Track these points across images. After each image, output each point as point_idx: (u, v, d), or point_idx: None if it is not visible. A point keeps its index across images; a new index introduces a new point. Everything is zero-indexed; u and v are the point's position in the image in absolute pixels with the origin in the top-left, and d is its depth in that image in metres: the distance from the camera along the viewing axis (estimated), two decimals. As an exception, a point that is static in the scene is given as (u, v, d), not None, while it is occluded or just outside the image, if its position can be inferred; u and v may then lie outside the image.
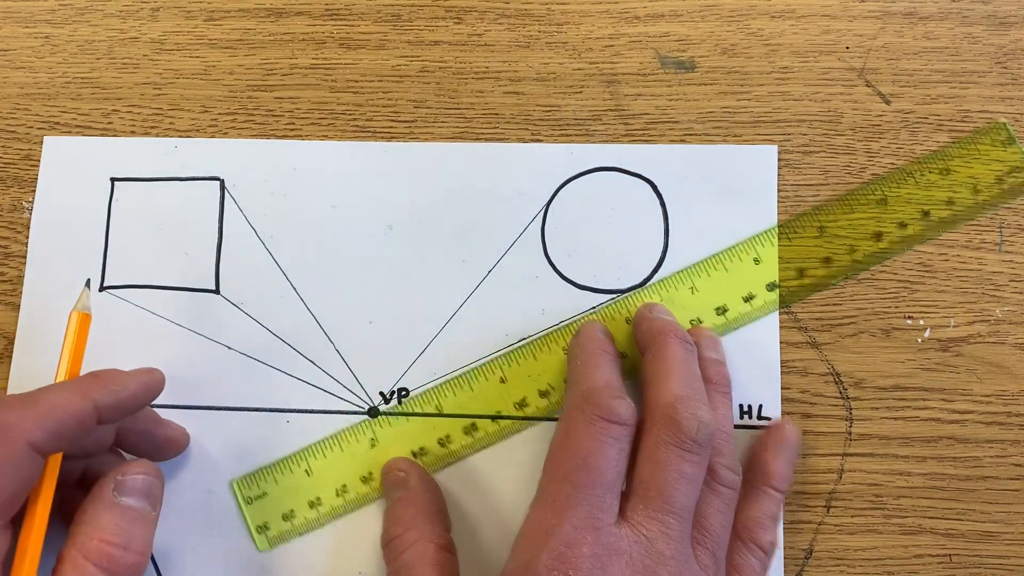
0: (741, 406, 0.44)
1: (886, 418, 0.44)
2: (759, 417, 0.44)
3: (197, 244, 0.48)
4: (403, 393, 0.46)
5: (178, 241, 0.48)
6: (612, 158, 0.47)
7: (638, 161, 0.47)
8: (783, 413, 0.44)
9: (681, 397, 0.38)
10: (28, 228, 0.48)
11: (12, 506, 0.36)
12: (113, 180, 0.49)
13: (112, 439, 0.41)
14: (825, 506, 0.44)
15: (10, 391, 0.46)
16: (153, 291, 0.47)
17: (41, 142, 0.49)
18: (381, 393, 0.46)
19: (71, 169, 0.49)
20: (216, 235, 0.48)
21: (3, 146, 0.49)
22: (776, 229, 0.46)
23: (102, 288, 0.47)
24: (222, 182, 0.48)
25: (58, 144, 0.49)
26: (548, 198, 0.47)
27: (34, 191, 0.49)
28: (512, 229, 0.47)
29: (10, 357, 0.47)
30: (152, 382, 0.41)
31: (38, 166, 0.49)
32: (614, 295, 0.46)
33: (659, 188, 0.47)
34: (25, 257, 0.48)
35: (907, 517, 0.43)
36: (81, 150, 0.49)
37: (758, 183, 0.46)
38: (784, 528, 0.43)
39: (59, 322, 0.43)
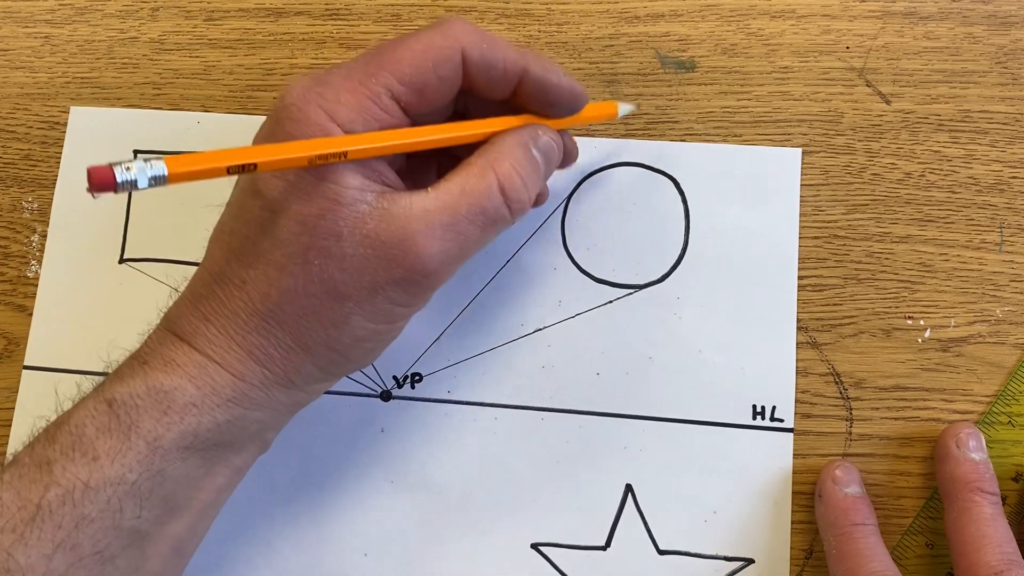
0: (754, 407, 0.44)
1: (886, 418, 0.44)
2: (772, 419, 0.44)
3: (217, 220, 0.48)
4: (416, 378, 0.46)
5: (198, 216, 0.48)
6: (635, 154, 0.47)
7: (661, 158, 0.47)
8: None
9: (999, 572, 0.38)
10: (28, 228, 0.48)
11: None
12: (136, 152, 0.49)
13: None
14: (825, 506, 0.44)
15: (27, 359, 0.47)
16: (172, 265, 0.48)
17: (41, 141, 0.49)
18: (394, 377, 0.46)
19: (96, 140, 0.49)
20: None
21: (3, 146, 0.49)
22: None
23: (121, 260, 0.48)
24: None
25: (84, 115, 0.50)
26: (569, 190, 0.47)
27: (34, 190, 0.49)
28: (532, 220, 0.47)
29: (10, 357, 0.47)
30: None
31: (38, 166, 0.49)
32: (631, 290, 0.46)
33: (681, 186, 0.47)
34: (25, 257, 0.48)
35: (907, 517, 0.43)
36: (106, 121, 0.49)
37: (781, 185, 0.46)
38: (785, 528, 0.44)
39: (79, 293, 0.46)
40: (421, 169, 0.40)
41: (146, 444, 0.34)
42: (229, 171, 0.31)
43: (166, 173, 0.29)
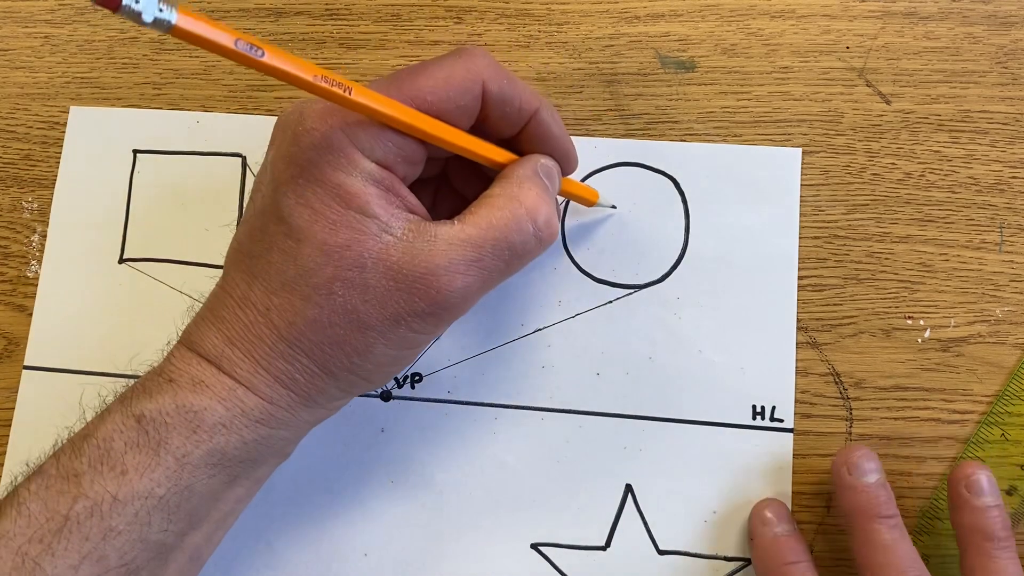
0: (754, 407, 0.45)
1: (886, 418, 0.44)
2: (772, 419, 0.44)
3: (217, 220, 0.48)
4: (416, 378, 0.46)
5: (198, 216, 0.48)
6: (636, 153, 0.47)
7: (661, 158, 0.47)
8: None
9: None
10: (28, 228, 0.48)
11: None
12: (136, 152, 0.49)
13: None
14: (825, 506, 0.44)
15: (27, 359, 0.47)
16: (172, 265, 0.48)
17: (41, 141, 0.49)
18: (395, 377, 0.46)
19: (95, 140, 0.49)
20: (237, 212, 0.48)
21: (3, 146, 0.49)
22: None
23: (121, 260, 0.48)
24: (244, 159, 0.48)
25: (84, 115, 0.50)
26: None
27: (34, 190, 0.49)
28: None
29: (10, 357, 0.47)
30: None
31: (38, 166, 0.49)
32: (631, 290, 0.46)
33: (681, 185, 0.47)
34: (25, 257, 0.48)
35: (908, 517, 0.43)
36: (106, 121, 0.50)
37: (781, 185, 0.46)
38: (784, 528, 0.44)
39: (79, 293, 0.46)
40: (418, 196, 0.40)
41: (175, 460, 0.34)
42: (236, 45, 0.30)
43: (173, 23, 0.28)
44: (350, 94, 0.33)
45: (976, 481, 0.41)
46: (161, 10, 0.27)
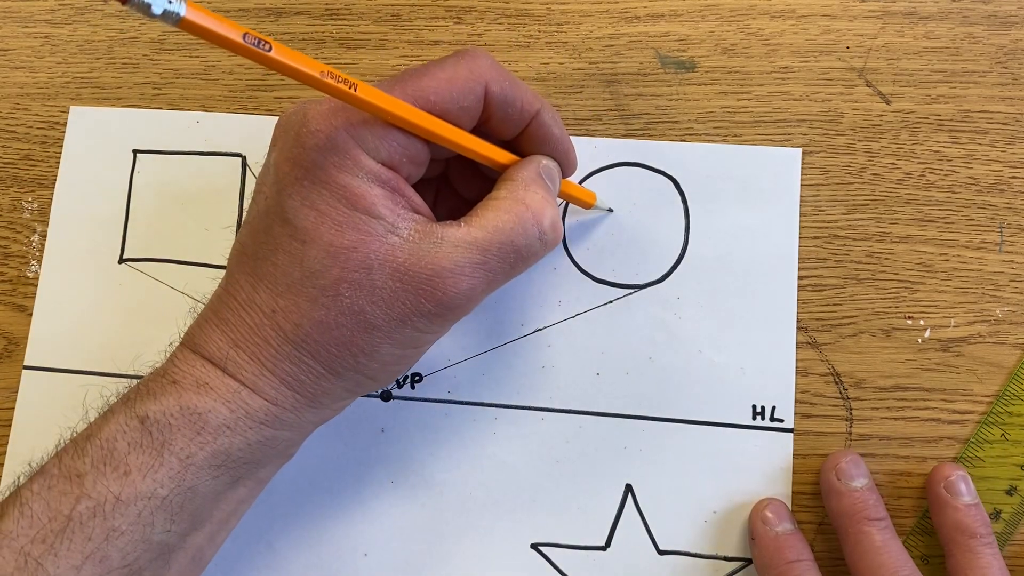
0: (754, 407, 0.45)
1: (886, 418, 0.44)
2: (772, 419, 0.44)
3: (217, 220, 0.48)
4: (416, 378, 0.46)
5: (198, 216, 0.48)
6: (636, 153, 0.47)
7: (661, 157, 0.47)
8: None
9: None
10: (28, 228, 0.48)
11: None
12: (136, 152, 0.49)
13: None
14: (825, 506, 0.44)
15: (27, 359, 0.47)
16: (172, 265, 0.48)
17: (41, 141, 0.49)
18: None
19: (95, 140, 0.49)
20: (237, 212, 0.48)
21: (3, 146, 0.49)
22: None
23: (121, 260, 0.48)
24: (244, 159, 0.48)
25: (84, 115, 0.50)
26: None
27: (34, 190, 0.49)
28: None
29: (10, 357, 0.47)
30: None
31: (38, 166, 0.49)
32: (631, 290, 0.46)
33: (681, 185, 0.47)
34: (25, 257, 0.48)
35: (908, 517, 0.44)
36: (106, 121, 0.49)
37: (781, 185, 0.46)
38: (784, 528, 0.44)
39: (79, 293, 0.46)
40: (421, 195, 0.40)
41: (179, 461, 0.34)
42: (245, 40, 0.30)
43: (182, 15, 0.28)
44: (355, 91, 0.33)
45: (954, 482, 0.42)
46: (170, 2, 0.27)
